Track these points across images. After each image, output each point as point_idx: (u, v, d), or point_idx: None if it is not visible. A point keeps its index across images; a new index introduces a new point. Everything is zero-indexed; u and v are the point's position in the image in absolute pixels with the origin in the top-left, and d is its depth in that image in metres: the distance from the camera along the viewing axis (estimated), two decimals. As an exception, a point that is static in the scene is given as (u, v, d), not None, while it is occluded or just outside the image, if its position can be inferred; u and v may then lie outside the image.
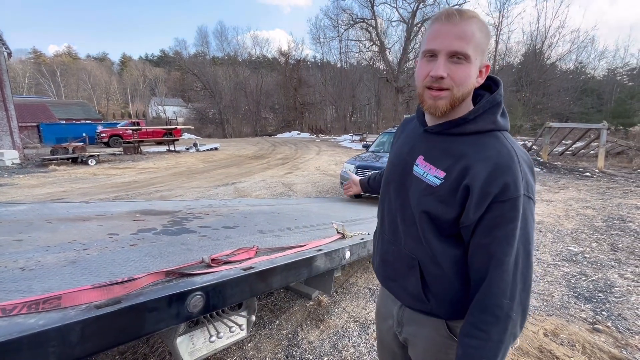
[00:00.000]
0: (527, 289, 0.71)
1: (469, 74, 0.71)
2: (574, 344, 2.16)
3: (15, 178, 8.63)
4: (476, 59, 0.71)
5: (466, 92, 0.74)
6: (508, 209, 0.67)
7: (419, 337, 0.88)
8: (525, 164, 0.71)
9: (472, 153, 0.72)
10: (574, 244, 4.01)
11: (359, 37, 32.66)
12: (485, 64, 0.74)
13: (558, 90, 28.78)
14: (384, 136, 7.28)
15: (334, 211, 3.55)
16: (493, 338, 0.68)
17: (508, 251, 0.68)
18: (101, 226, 1.90)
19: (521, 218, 0.68)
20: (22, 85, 45.96)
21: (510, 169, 0.67)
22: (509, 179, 0.67)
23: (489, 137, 0.73)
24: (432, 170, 0.76)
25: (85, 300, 0.88)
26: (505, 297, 0.68)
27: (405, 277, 0.86)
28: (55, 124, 22.51)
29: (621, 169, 10.14)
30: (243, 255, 1.42)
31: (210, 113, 42.19)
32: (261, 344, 2.12)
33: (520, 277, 0.69)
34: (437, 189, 0.74)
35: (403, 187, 0.84)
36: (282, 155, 15.11)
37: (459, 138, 0.75)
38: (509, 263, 0.68)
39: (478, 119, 0.74)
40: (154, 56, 69.83)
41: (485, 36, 0.72)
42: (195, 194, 6.86)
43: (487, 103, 0.75)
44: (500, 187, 0.67)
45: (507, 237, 0.68)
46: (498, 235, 0.68)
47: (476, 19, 0.71)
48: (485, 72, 0.75)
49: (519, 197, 0.67)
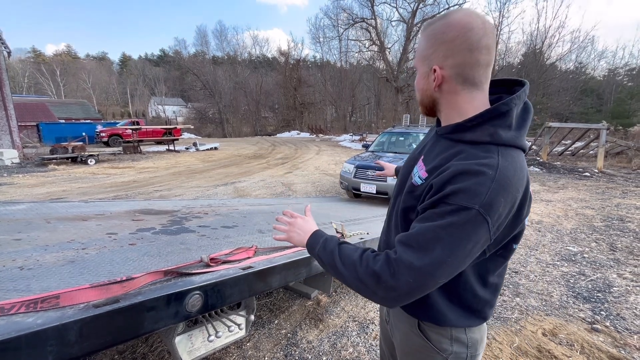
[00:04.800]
0: (414, 286, 0.65)
1: (417, 82, 0.80)
2: (572, 344, 2.16)
3: (14, 177, 8.62)
4: (419, 67, 0.77)
5: (423, 97, 0.80)
6: (448, 212, 0.63)
7: (397, 331, 0.92)
8: (503, 187, 0.63)
9: (456, 159, 0.70)
10: (573, 244, 4.01)
11: (358, 36, 32.62)
12: (432, 66, 0.73)
13: (558, 90, 28.80)
14: (383, 136, 7.27)
15: (333, 211, 3.55)
16: (332, 257, 0.79)
17: (423, 245, 0.65)
18: (100, 225, 1.90)
19: (456, 228, 0.62)
20: (21, 84, 45.90)
21: (473, 179, 0.63)
22: (465, 186, 0.62)
23: (480, 148, 0.69)
24: (421, 171, 0.77)
25: (84, 299, 0.88)
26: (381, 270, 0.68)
27: None
28: (54, 123, 22.50)
29: (620, 169, 10.14)
30: (242, 254, 1.42)
31: (210, 113, 42.18)
32: (260, 344, 2.12)
33: (416, 273, 0.64)
34: (417, 187, 0.76)
35: (403, 184, 0.86)
36: (282, 155, 15.11)
37: (458, 145, 0.74)
38: (413, 256, 0.65)
39: (476, 129, 0.71)
40: (153, 56, 69.88)
41: (429, 41, 0.73)
42: (194, 193, 6.85)
43: (486, 113, 0.70)
44: (452, 190, 0.64)
45: (432, 233, 0.64)
46: (424, 227, 0.66)
47: (426, 29, 0.75)
48: (437, 75, 0.72)
49: (467, 208, 0.62)
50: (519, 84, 0.77)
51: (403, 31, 29.22)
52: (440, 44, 0.71)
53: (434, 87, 0.75)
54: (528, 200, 0.70)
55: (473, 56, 0.69)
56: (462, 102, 0.74)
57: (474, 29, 0.67)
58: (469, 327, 0.80)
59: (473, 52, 0.68)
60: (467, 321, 0.79)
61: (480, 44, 0.68)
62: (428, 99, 0.79)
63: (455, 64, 0.70)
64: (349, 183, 5.53)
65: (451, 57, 0.70)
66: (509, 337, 2.22)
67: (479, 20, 0.68)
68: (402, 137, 6.86)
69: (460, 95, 0.73)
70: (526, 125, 0.73)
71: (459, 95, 0.74)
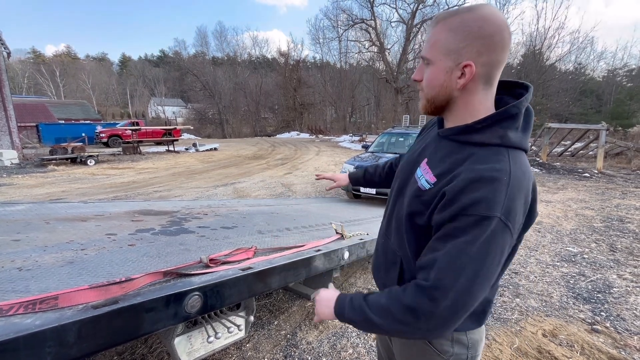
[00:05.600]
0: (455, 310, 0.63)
1: (431, 76, 0.72)
2: (572, 345, 2.16)
3: (14, 178, 8.61)
4: (440, 60, 0.69)
5: (436, 94, 0.73)
6: (472, 225, 0.62)
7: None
8: (518, 190, 0.64)
9: (467, 164, 0.68)
10: (572, 245, 4.01)
11: (358, 37, 32.66)
12: (465, 63, 0.67)
13: (557, 91, 28.83)
14: (383, 136, 7.28)
15: (333, 211, 3.55)
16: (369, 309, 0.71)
17: (453, 266, 0.63)
18: (99, 226, 1.89)
19: (483, 239, 0.61)
20: (21, 85, 45.92)
21: (490, 186, 0.62)
22: (483, 194, 0.61)
23: (491, 151, 0.68)
24: (427, 174, 0.74)
25: (83, 300, 0.88)
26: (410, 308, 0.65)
27: (387, 271, 0.88)
28: (54, 124, 22.47)
29: (620, 170, 10.15)
30: (241, 255, 1.42)
31: (209, 113, 42.18)
32: (259, 345, 2.11)
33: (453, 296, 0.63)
34: (424, 192, 0.73)
35: (405, 187, 0.84)
36: (282, 156, 15.11)
37: (465, 147, 0.71)
38: (449, 277, 0.63)
39: (485, 130, 0.69)
40: (153, 56, 69.99)
41: (458, 34, 0.66)
42: (194, 194, 6.85)
43: (496, 115, 0.69)
44: (471, 201, 0.62)
45: (459, 251, 0.62)
46: (450, 246, 0.63)
47: (450, 19, 0.67)
48: (469, 72, 0.67)
49: (489, 217, 0.61)
50: (518, 86, 0.76)
51: (403, 32, 29.30)
52: (475, 39, 0.65)
53: (460, 85, 0.69)
54: (536, 200, 0.70)
55: (503, 55, 0.67)
56: (477, 102, 0.71)
57: (507, 27, 0.66)
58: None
59: (504, 51, 0.66)
60: (471, 324, 0.79)
61: (510, 43, 0.67)
62: (444, 97, 0.72)
63: (486, 62, 0.66)
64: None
65: (485, 54, 0.65)
66: (509, 338, 2.22)
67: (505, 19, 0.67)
68: (402, 138, 6.88)
69: (477, 96, 0.71)
70: (530, 128, 0.73)
71: (476, 95, 0.71)
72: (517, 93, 0.75)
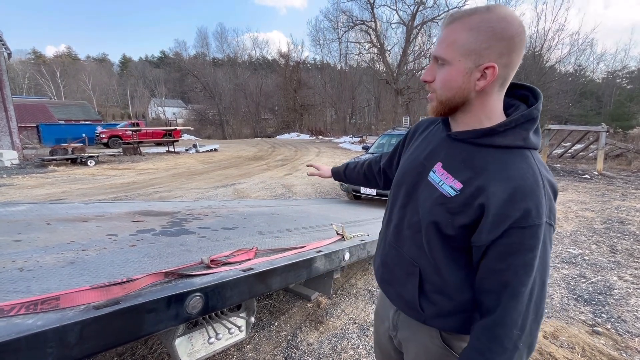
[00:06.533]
0: (538, 320, 0.67)
1: (448, 77, 0.69)
2: (573, 347, 2.15)
3: (14, 178, 8.61)
4: (459, 61, 0.67)
5: (453, 96, 0.70)
6: (528, 237, 0.63)
7: (412, 343, 0.87)
8: (551, 188, 0.66)
9: (493, 170, 0.67)
10: (573, 246, 4.01)
11: (358, 39, 32.68)
12: (486, 64, 0.65)
13: (557, 92, 28.83)
14: (383, 138, 7.29)
15: (333, 212, 3.55)
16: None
17: (525, 281, 0.64)
18: (100, 227, 1.89)
19: (541, 247, 0.63)
20: (21, 85, 45.97)
21: (533, 194, 0.63)
22: (531, 204, 0.62)
23: (515, 154, 0.68)
24: (449, 180, 0.71)
25: (84, 301, 0.88)
26: (516, 327, 0.65)
27: (403, 283, 0.84)
28: (54, 124, 22.48)
29: (620, 172, 10.14)
30: (242, 256, 1.42)
31: (210, 114, 42.21)
32: (260, 346, 2.11)
33: (534, 308, 0.66)
34: (450, 199, 0.70)
35: (415, 192, 0.80)
36: (282, 157, 15.11)
37: (483, 150, 0.70)
38: (525, 294, 0.64)
39: (508, 133, 0.68)
40: (154, 57, 70.04)
41: (480, 34, 0.64)
42: (194, 195, 6.85)
43: (521, 117, 0.68)
44: (521, 212, 0.62)
45: (525, 266, 0.64)
46: (515, 264, 0.64)
47: (469, 18, 0.65)
48: (490, 74, 0.66)
49: (541, 225, 0.62)
50: (517, 87, 0.76)
51: (403, 34, 29.28)
52: (498, 40, 0.63)
53: (479, 88, 0.67)
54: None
55: (520, 57, 0.67)
56: (492, 104, 0.71)
57: (524, 29, 0.66)
58: None
59: (522, 53, 0.66)
60: None
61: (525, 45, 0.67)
62: (461, 98, 0.70)
63: (506, 64, 0.66)
64: (349, 185, 5.53)
65: (506, 55, 0.65)
66: (509, 340, 2.21)
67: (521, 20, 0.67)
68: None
69: (493, 97, 0.70)
70: (539, 129, 0.74)
71: (492, 97, 0.70)
72: (520, 94, 0.75)
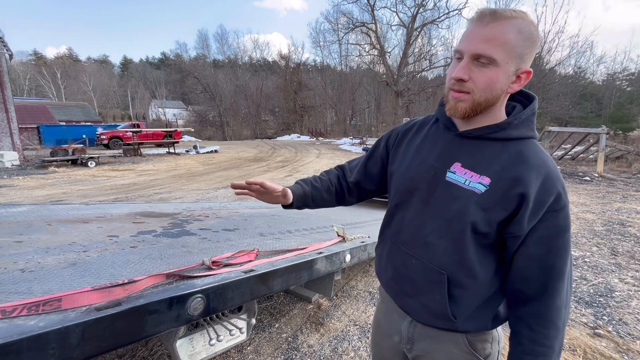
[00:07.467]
0: (570, 290, 0.73)
1: (494, 79, 0.67)
2: (575, 349, 2.15)
3: (14, 179, 8.61)
4: (507, 63, 0.66)
5: (492, 98, 0.69)
6: (562, 218, 0.68)
7: (436, 354, 0.83)
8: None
9: (519, 160, 0.69)
10: (574, 249, 4.00)
11: (358, 41, 32.76)
12: (524, 69, 0.68)
13: (557, 94, 28.87)
14: (384, 139, 7.28)
15: (333, 214, 3.55)
16: (556, 350, 0.70)
17: (567, 260, 0.69)
18: (101, 228, 1.89)
19: (569, 226, 0.70)
20: (22, 87, 46.10)
21: (559, 178, 0.69)
22: (560, 187, 0.68)
23: (529, 144, 0.72)
24: (475, 177, 0.71)
25: (86, 302, 0.88)
26: (564, 306, 0.70)
27: (428, 293, 0.79)
28: (55, 125, 22.51)
29: (620, 174, 10.14)
30: (244, 257, 1.42)
31: (210, 116, 42.28)
32: (261, 348, 2.10)
33: (569, 283, 0.72)
34: (481, 196, 0.69)
35: (431, 197, 0.77)
36: (282, 158, 15.12)
37: (498, 143, 0.72)
38: (567, 272, 0.70)
39: (520, 126, 0.72)
40: (154, 59, 70.23)
41: (525, 39, 0.65)
42: (195, 196, 6.85)
43: (529, 110, 0.74)
44: (554, 196, 0.67)
45: (564, 246, 0.69)
46: (555, 246, 0.69)
47: (514, 21, 0.65)
48: (525, 78, 0.69)
49: (567, 205, 0.69)
50: None
51: (403, 36, 29.34)
52: (534, 46, 0.68)
53: (512, 90, 0.71)
54: None
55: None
56: (504, 104, 0.75)
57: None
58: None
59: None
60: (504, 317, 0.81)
61: None
62: (496, 100, 0.71)
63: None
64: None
65: (530, 59, 0.69)
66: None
67: None
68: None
69: (506, 98, 0.75)
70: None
71: (506, 98, 0.74)
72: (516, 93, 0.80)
